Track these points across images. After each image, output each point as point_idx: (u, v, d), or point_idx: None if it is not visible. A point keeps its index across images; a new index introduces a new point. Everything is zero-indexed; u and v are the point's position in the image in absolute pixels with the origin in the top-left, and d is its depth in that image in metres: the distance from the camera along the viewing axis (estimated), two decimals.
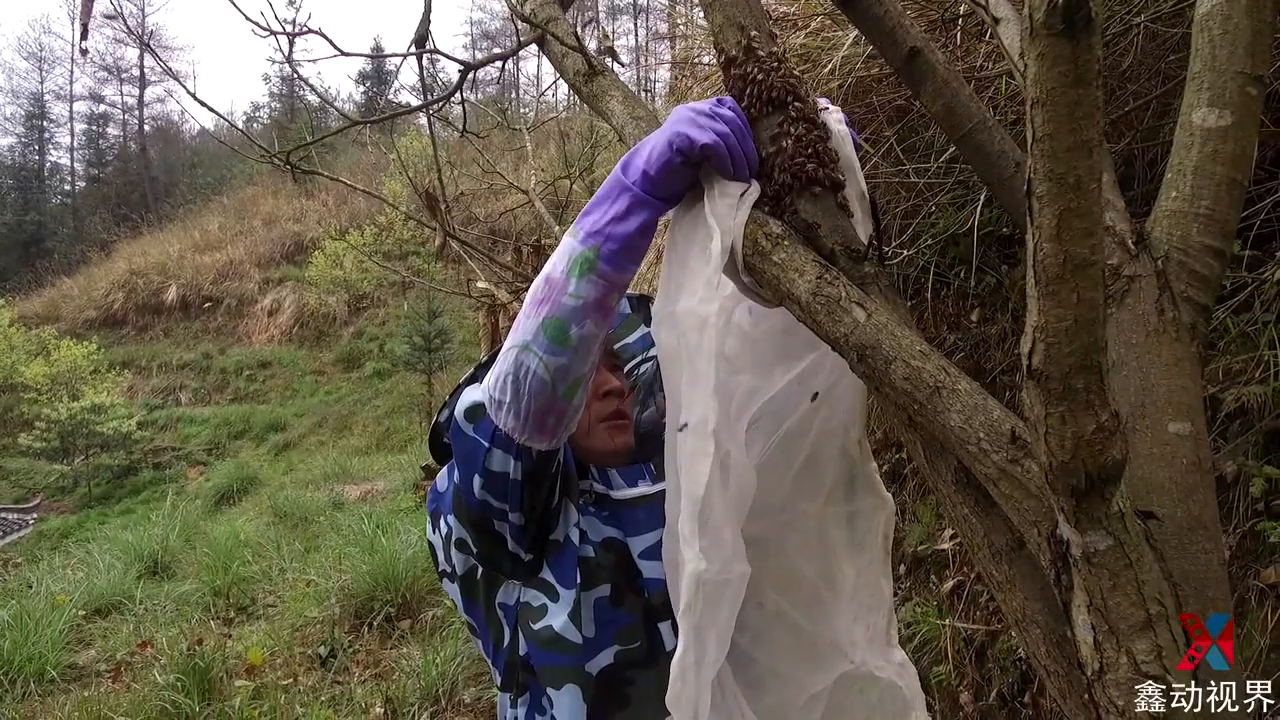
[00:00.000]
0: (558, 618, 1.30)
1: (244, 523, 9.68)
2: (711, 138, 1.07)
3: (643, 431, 1.59)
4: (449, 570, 1.40)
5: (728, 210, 1.10)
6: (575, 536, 1.33)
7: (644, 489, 1.44)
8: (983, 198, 2.80)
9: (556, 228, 2.72)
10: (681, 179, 1.12)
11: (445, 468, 1.41)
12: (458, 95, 1.92)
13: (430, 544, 1.45)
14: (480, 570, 1.36)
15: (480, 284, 2.38)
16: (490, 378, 1.21)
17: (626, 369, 1.60)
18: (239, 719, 4.40)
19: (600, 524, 1.38)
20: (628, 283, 1.17)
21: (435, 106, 1.90)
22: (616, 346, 1.60)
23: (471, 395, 1.27)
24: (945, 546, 3.21)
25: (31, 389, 17.68)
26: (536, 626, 1.30)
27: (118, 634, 6.17)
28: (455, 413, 1.28)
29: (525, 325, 1.16)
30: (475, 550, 1.33)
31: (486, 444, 1.21)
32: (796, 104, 1.14)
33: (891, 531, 1.34)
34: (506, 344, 1.18)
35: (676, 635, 1.28)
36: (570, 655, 1.29)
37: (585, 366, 1.18)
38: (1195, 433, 0.98)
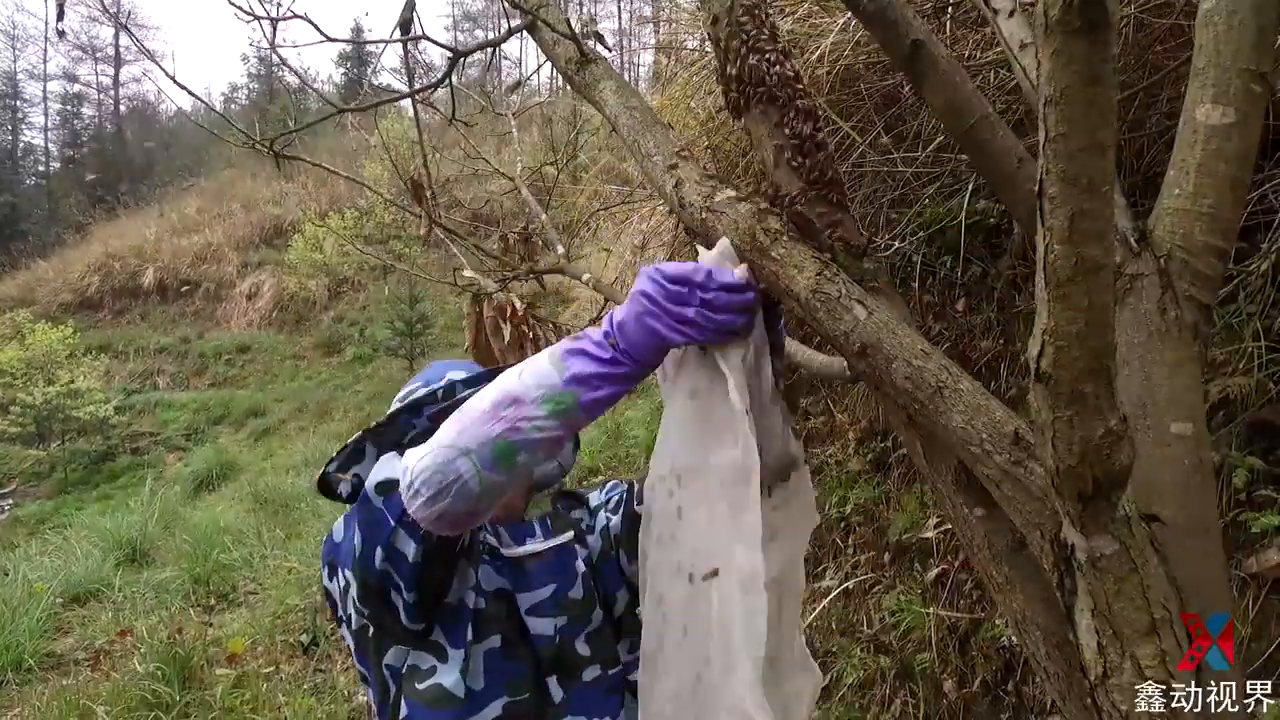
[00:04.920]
0: (448, 676, 1.29)
1: (224, 509, 9.53)
2: (684, 337, 1.08)
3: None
4: (345, 619, 1.38)
5: (737, 357, 1.10)
6: (470, 599, 1.33)
7: (533, 546, 1.45)
8: (970, 188, 2.80)
9: (543, 215, 2.69)
10: (665, 353, 1.15)
11: (343, 517, 1.37)
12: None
13: (326, 590, 1.41)
14: (370, 629, 1.34)
15: (466, 272, 2.35)
16: (413, 461, 1.16)
17: None
18: (220, 708, 4.36)
19: (494, 574, 1.38)
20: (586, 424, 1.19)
21: (421, 94, 1.87)
22: None
23: (386, 470, 1.24)
24: (930, 535, 3.22)
25: (6, 373, 17.42)
26: (421, 686, 1.30)
27: (96, 622, 6.09)
28: (366, 482, 1.25)
29: (471, 430, 1.12)
30: (367, 612, 1.31)
31: (393, 522, 1.19)
32: (796, 101, 1.12)
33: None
34: (443, 438, 1.14)
35: (563, 689, 1.33)
36: (454, 710, 1.28)
37: (515, 485, 1.19)
38: (1197, 434, 0.98)
